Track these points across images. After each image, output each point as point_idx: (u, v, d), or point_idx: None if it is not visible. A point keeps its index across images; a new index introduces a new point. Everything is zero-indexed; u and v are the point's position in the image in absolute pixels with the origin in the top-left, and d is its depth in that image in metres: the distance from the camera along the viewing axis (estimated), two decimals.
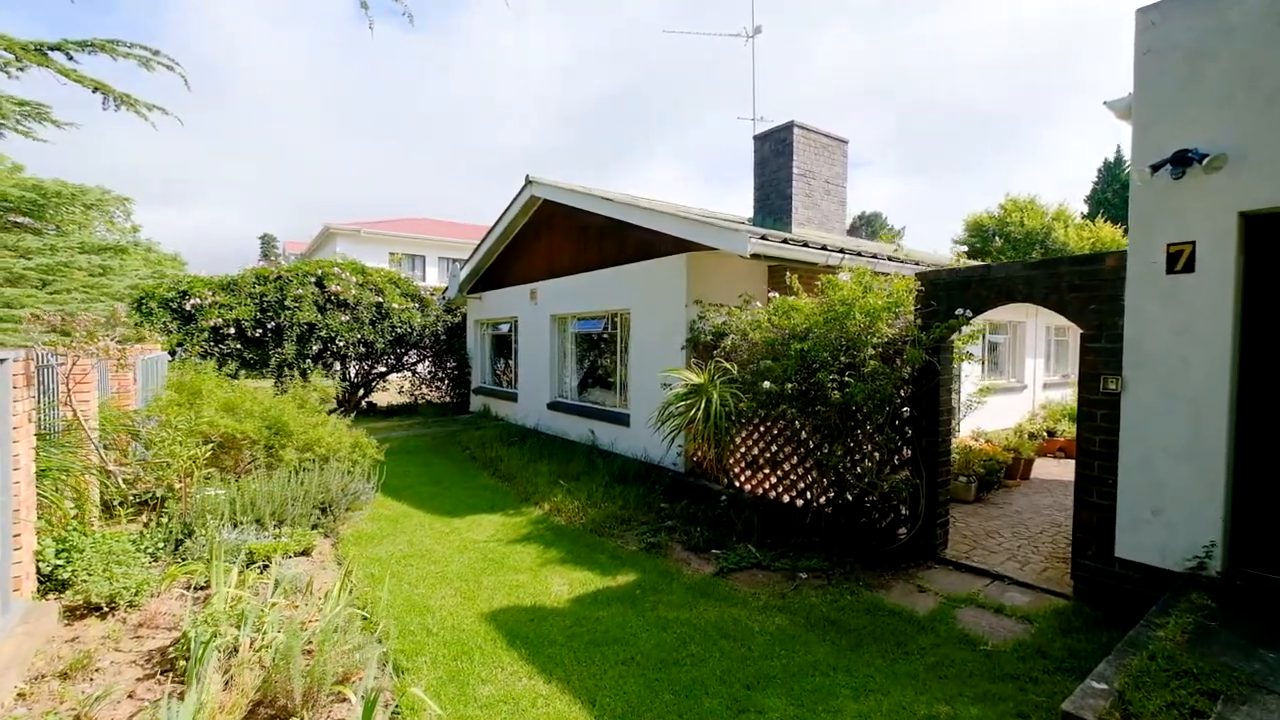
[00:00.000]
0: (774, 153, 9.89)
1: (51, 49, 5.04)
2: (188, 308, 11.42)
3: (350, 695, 2.88)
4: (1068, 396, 11.14)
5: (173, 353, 11.00)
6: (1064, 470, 8.08)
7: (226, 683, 2.88)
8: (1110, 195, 31.38)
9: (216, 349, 11.52)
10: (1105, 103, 4.43)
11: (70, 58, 5.13)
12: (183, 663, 3.18)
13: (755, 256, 6.16)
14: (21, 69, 4.97)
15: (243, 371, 11.64)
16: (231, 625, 3.22)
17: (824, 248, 6.78)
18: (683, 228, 6.95)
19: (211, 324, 11.44)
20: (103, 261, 15.03)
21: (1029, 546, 5.31)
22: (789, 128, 9.63)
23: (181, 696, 2.71)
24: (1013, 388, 10.65)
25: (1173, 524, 3.72)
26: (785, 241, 6.49)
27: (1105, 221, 25.93)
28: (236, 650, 3.09)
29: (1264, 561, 3.55)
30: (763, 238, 6.21)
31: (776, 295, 6.01)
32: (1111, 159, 32.86)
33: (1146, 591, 3.78)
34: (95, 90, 5.36)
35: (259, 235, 43.84)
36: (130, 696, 3.08)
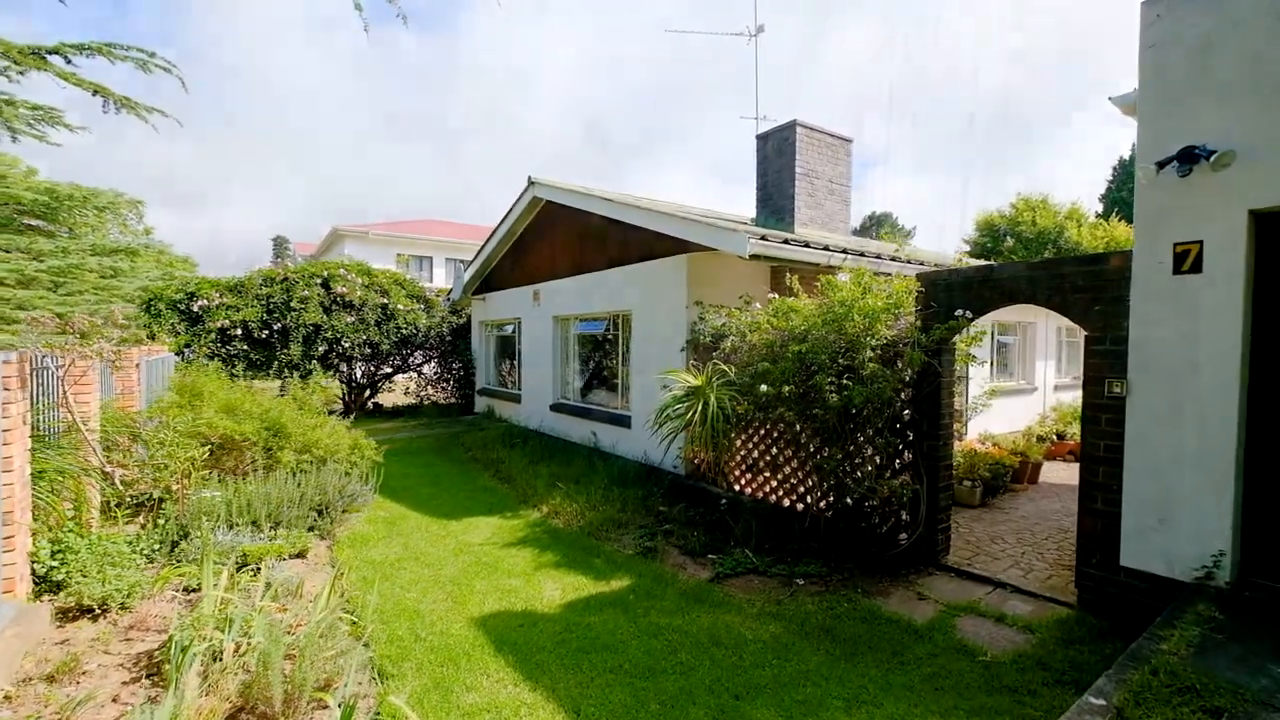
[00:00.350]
0: (776, 152, 9.79)
1: (49, 52, 5.08)
2: (195, 309, 11.52)
3: (330, 702, 2.85)
4: (1079, 399, 10.90)
5: (180, 354, 11.10)
6: (1073, 474, 7.84)
7: (207, 688, 2.86)
8: (1125, 194, 30.81)
9: (223, 350, 11.61)
10: (1110, 98, 4.31)
11: (68, 61, 5.18)
12: (168, 666, 3.17)
13: (755, 257, 6.08)
14: (21, 73, 5.03)
15: (249, 373, 11.72)
16: (217, 629, 3.20)
17: (825, 248, 6.69)
18: (681, 228, 6.89)
19: (219, 325, 11.53)
20: (114, 264, 15.23)
21: (1033, 553, 5.19)
22: (791, 127, 9.52)
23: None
24: (1022, 390, 10.47)
25: (1180, 532, 3.60)
26: (786, 242, 6.40)
27: (1120, 220, 25.45)
28: (221, 655, 3.08)
29: (1275, 572, 3.42)
30: (762, 238, 6.13)
31: (777, 296, 5.92)
32: (1126, 157, 32.37)
33: (1152, 602, 3.66)
34: (95, 93, 5.40)
35: (271, 237, 44.35)
36: (115, 700, 3.07)
